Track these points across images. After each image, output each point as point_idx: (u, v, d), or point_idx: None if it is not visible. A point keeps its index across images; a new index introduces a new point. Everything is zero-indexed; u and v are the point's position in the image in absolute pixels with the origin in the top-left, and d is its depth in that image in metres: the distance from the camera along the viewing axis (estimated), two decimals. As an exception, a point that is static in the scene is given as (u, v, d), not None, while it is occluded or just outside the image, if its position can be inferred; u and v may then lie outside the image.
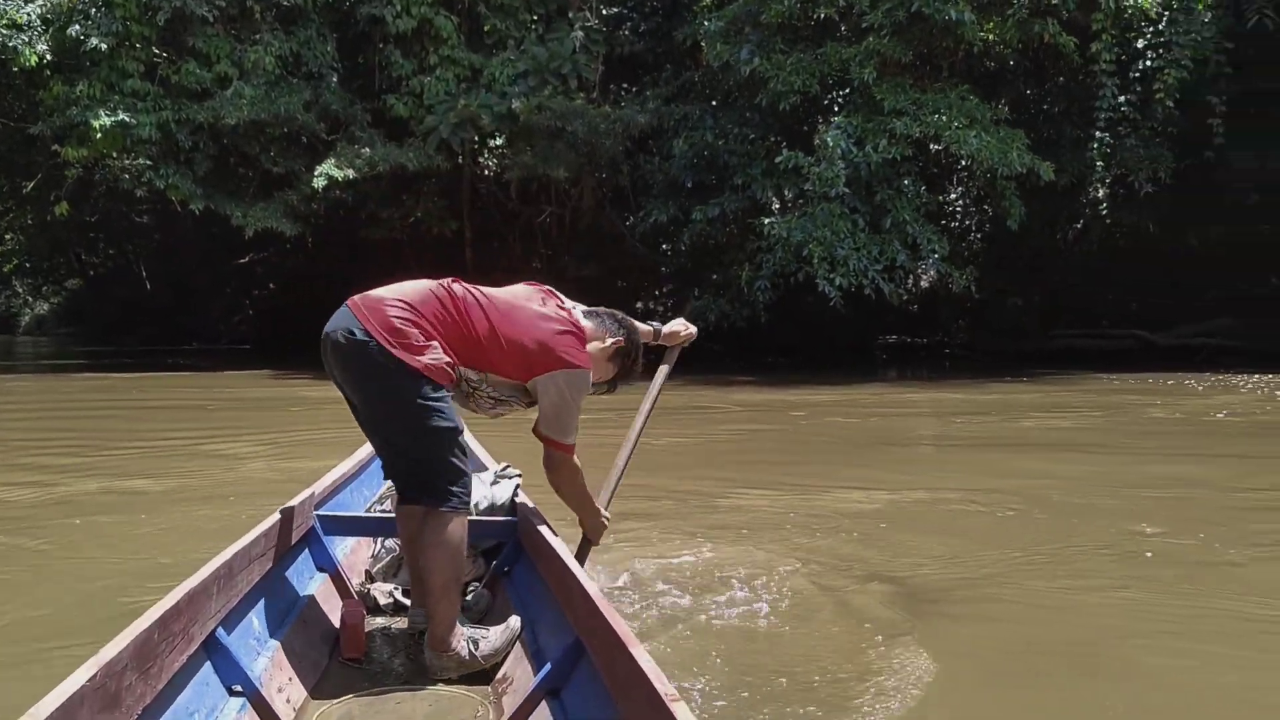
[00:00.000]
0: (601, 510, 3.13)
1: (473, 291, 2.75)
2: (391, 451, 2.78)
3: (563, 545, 2.68)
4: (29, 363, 24.81)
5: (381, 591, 3.28)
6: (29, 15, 15.53)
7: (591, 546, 3.19)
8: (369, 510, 3.69)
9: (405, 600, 3.16)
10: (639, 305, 20.10)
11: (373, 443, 2.97)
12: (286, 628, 2.68)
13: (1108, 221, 20.76)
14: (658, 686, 1.59)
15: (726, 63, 15.67)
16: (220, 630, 2.25)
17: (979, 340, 21.32)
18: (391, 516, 3.15)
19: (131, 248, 31.87)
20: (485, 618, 3.09)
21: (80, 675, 1.62)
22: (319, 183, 16.14)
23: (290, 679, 2.49)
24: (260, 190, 17.86)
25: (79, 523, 5.08)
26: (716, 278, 17.50)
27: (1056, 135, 17.66)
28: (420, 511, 2.70)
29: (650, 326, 3.32)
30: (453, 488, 2.62)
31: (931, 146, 16.37)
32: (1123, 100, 15.57)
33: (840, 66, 15.29)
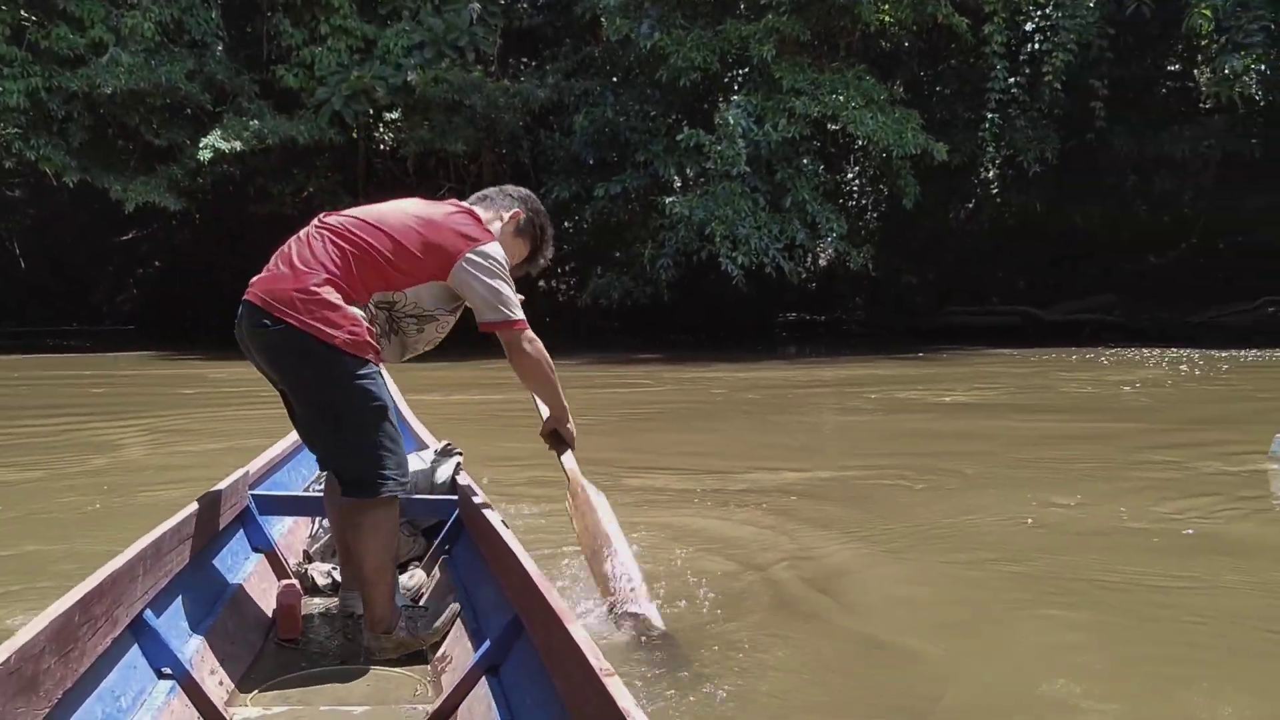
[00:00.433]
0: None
1: (349, 216, 2.59)
2: (321, 443, 2.65)
3: (502, 523, 2.61)
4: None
5: (320, 572, 3.21)
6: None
7: (569, 445, 3.08)
8: (306, 489, 3.58)
9: (343, 580, 3.06)
10: (540, 284, 19.93)
11: (302, 436, 2.84)
12: (220, 609, 2.62)
13: (998, 201, 21.42)
14: (593, 662, 1.58)
15: (626, 37, 15.58)
16: (148, 612, 2.18)
17: (875, 317, 21.80)
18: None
19: (3, 224, 30.19)
20: (425, 597, 3.03)
21: None
22: (204, 155, 15.52)
23: (224, 661, 2.44)
24: (141, 163, 17.08)
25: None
26: (619, 255, 17.45)
27: (949, 116, 18.09)
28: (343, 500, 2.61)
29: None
30: (385, 473, 2.50)
31: (829, 126, 16.60)
32: (1012, 82, 15.99)
33: (740, 44, 15.33)
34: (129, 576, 2.10)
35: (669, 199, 15.29)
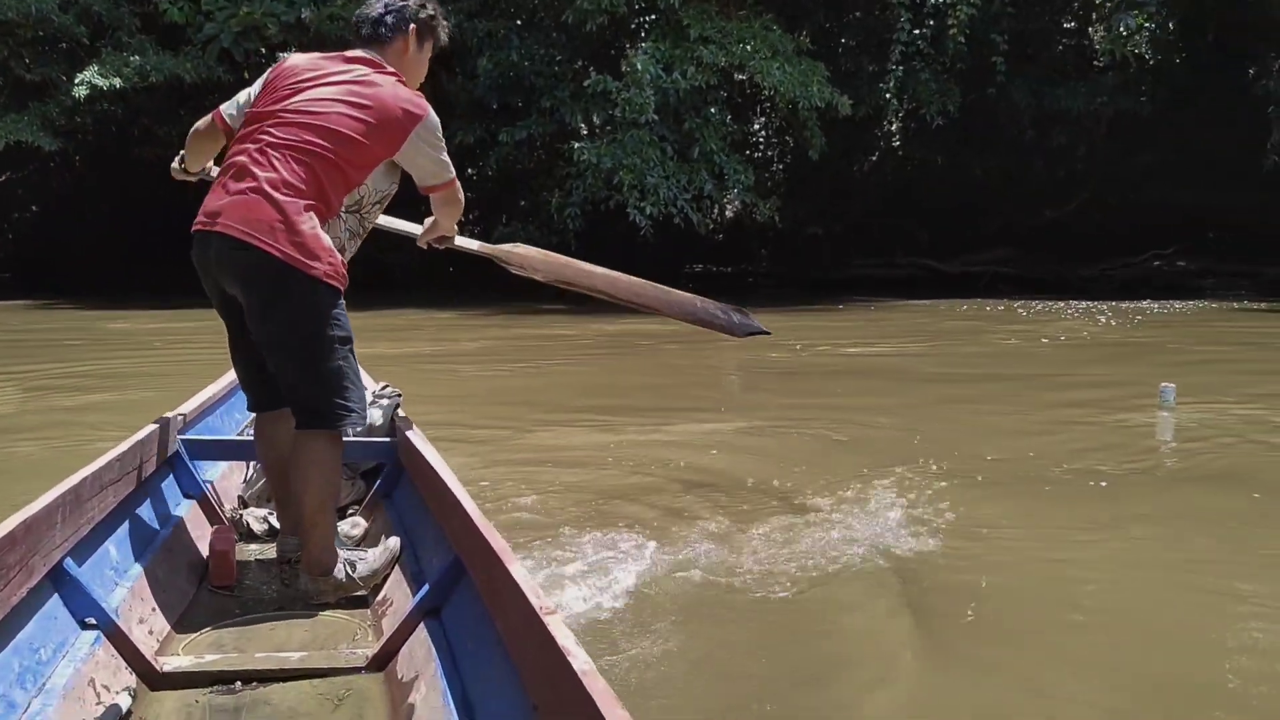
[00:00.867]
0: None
1: (291, 124, 2.47)
2: (287, 373, 2.53)
3: (443, 464, 2.56)
4: None
5: (255, 517, 3.15)
6: None
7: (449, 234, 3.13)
8: (241, 434, 3.50)
9: (280, 525, 3.01)
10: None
11: (247, 366, 2.70)
12: (149, 557, 2.56)
13: (900, 154, 21.68)
14: (533, 601, 1.56)
15: (531, -23, 15.15)
16: (68, 561, 2.12)
17: (780, 269, 21.95)
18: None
19: None
20: (365, 541, 2.98)
21: None
22: (80, 92, 14.62)
23: (153, 610, 2.39)
24: (12, 99, 16.00)
25: None
26: (525, 204, 17.13)
27: (854, 68, 18.15)
28: (285, 432, 2.58)
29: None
30: (349, 404, 2.49)
31: (736, 76, 16.49)
32: (917, 34, 16.09)
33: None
34: (46, 524, 2.02)
35: (577, 145, 15.01)
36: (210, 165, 2.98)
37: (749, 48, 14.79)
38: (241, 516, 3.18)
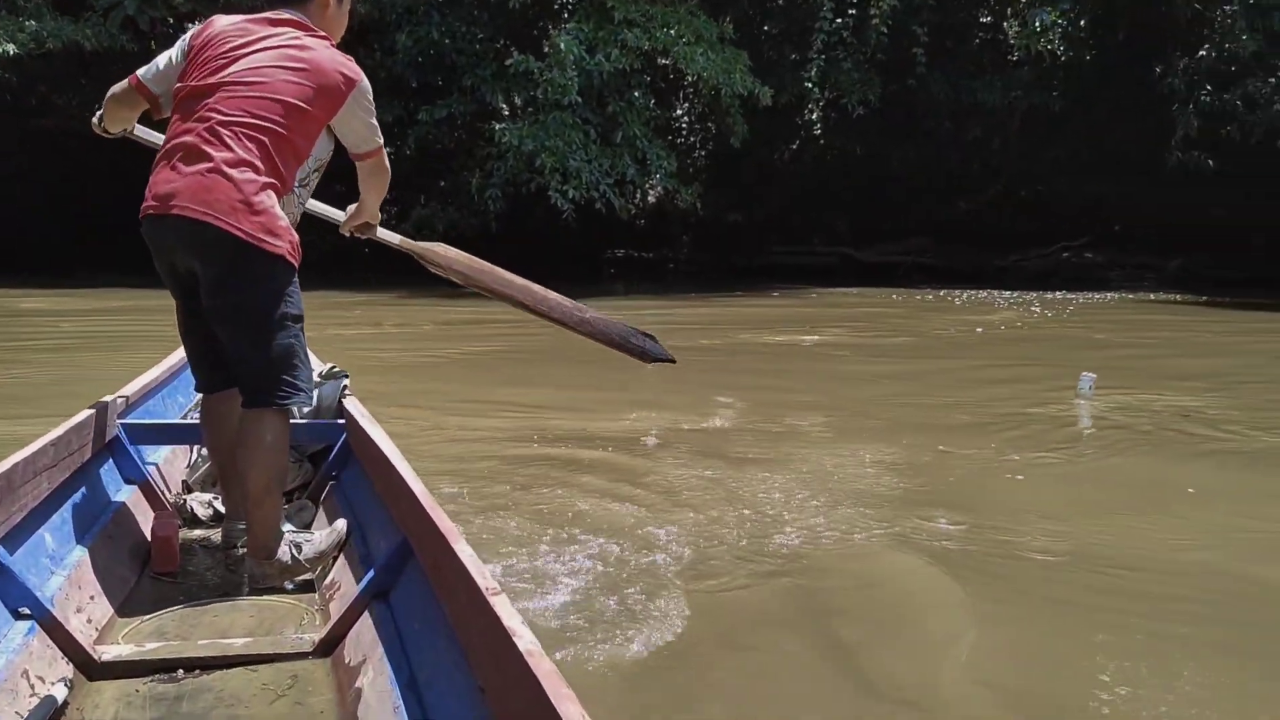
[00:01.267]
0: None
1: (237, 95, 2.41)
2: (239, 349, 2.49)
3: (391, 445, 2.54)
4: None
5: (200, 502, 3.10)
6: None
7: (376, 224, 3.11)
8: (184, 417, 3.44)
9: (224, 510, 2.95)
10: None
11: (198, 345, 2.65)
12: (88, 544, 2.49)
13: (821, 143, 21.86)
14: (479, 581, 1.56)
15: (453, -47, 14.81)
16: (0, 549, 2.08)
17: (701, 256, 21.99)
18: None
19: None
20: (313, 524, 2.96)
21: None
22: (-29, 58, 13.84)
23: (92, 598, 2.34)
24: (-105, 64, 15.10)
25: None
26: (444, 184, 16.80)
27: (777, 56, 18.22)
28: (233, 413, 2.56)
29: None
30: (297, 383, 2.48)
31: (660, 61, 16.40)
32: (839, 24, 16.19)
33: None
34: None
35: (498, 127, 14.76)
36: (135, 127, 2.92)
37: (673, 32, 14.71)
38: (185, 502, 3.12)
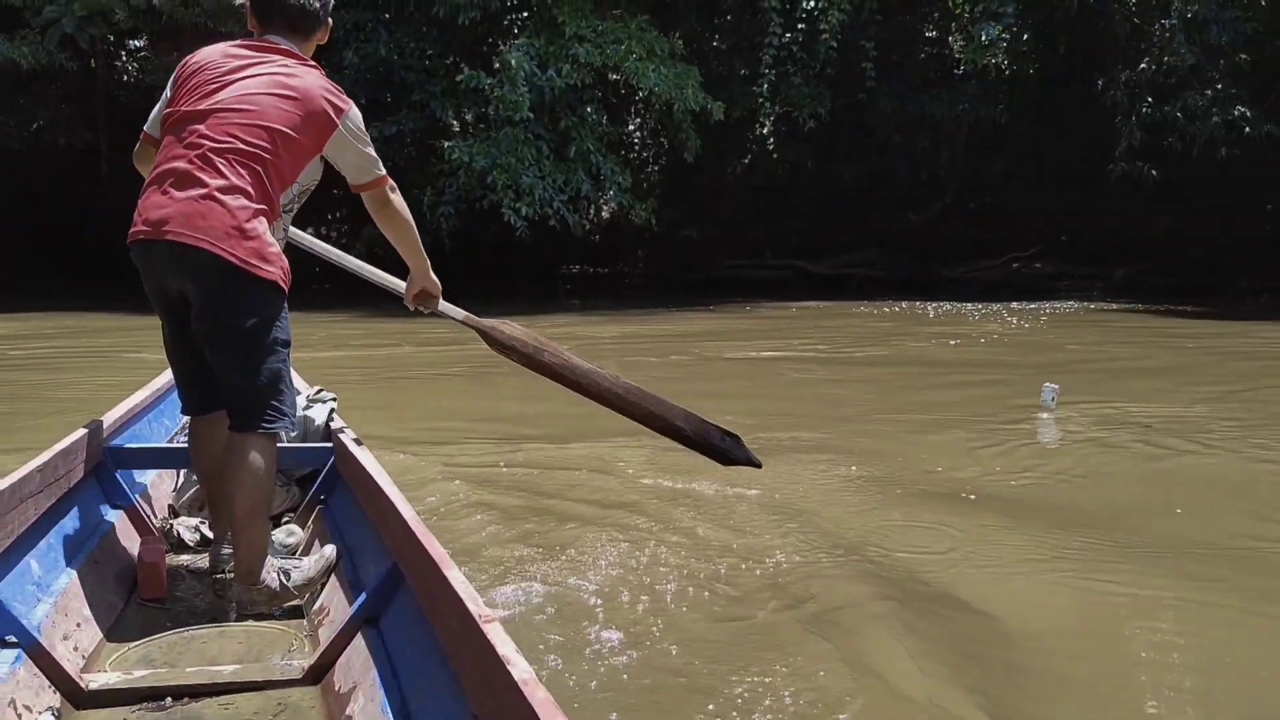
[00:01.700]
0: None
1: (229, 121, 2.41)
2: (226, 371, 2.48)
3: (380, 469, 2.52)
4: None
5: (186, 527, 3.07)
6: None
7: (437, 293, 3.02)
8: (171, 441, 3.42)
9: (212, 534, 2.91)
10: (309, 230, 18.68)
11: (186, 367, 2.64)
12: (74, 570, 2.47)
13: (774, 157, 22.00)
14: (472, 609, 1.55)
15: (400, -31, 14.67)
16: None
17: (656, 270, 21.97)
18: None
19: None
20: (301, 549, 2.93)
21: None
22: (-98, 77, 13.43)
23: (79, 625, 2.31)
24: None
25: None
26: (394, 203, 16.58)
27: (727, 71, 18.28)
28: (221, 435, 2.53)
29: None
30: (282, 407, 2.49)
31: (611, 76, 16.37)
32: (789, 39, 16.29)
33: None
34: None
35: (449, 144, 14.62)
36: None
37: (624, 48, 14.68)
38: (172, 526, 3.08)
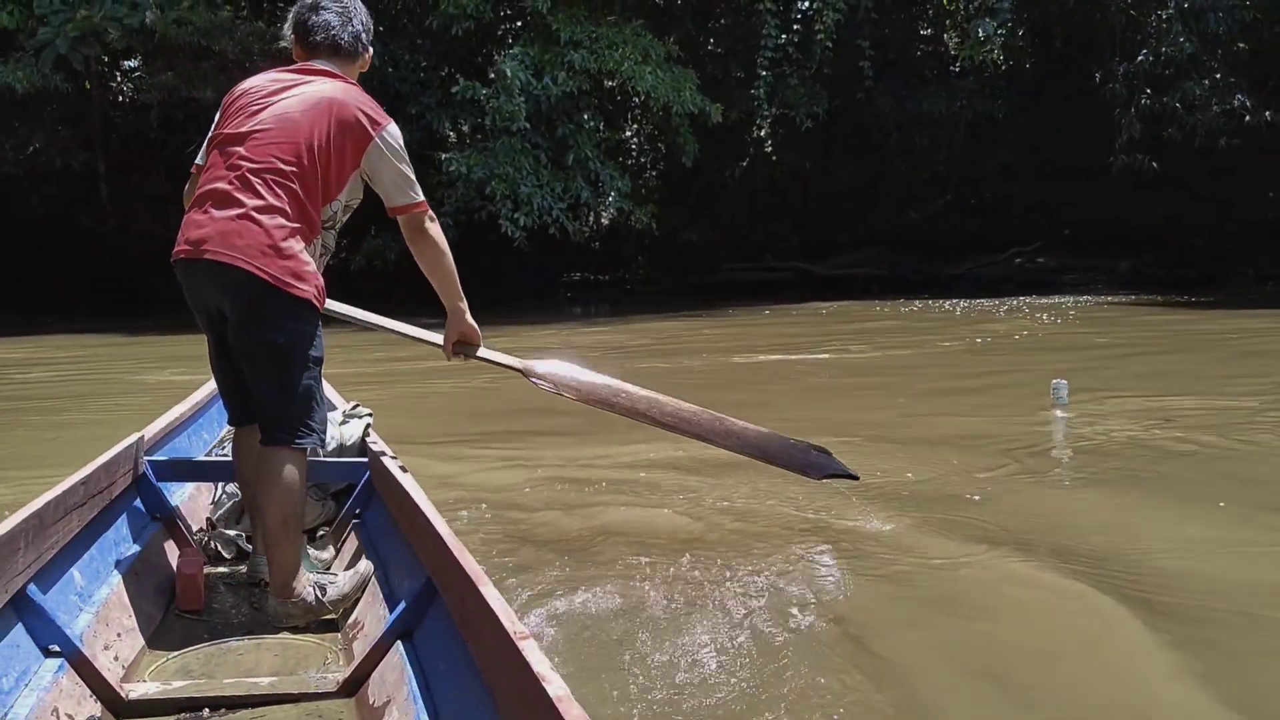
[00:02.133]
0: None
1: (267, 141, 2.48)
2: (261, 385, 2.55)
3: (415, 485, 2.53)
4: None
5: (224, 539, 3.11)
6: None
7: (476, 339, 3.01)
8: (209, 454, 3.44)
9: (249, 547, 2.98)
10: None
11: (228, 380, 2.72)
12: (115, 582, 2.51)
13: (772, 159, 21.93)
14: (507, 625, 1.55)
15: (392, -20, 14.64)
16: (32, 587, 2.08)
17: (657, 275, 21.89)
18: (232, 460, 2.94)
19: None
20: (335, 562, 2.98)
21: None
22: (-103, 103, 13.40)
23: (119, 635, 2.36)
24: None
25: None
26: (394, 215, 16.54)
27: (722, 74, 18.23)
28: (259, 448, 2.58)
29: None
30: (311, 422, 2.54)
31: (606, 83, 16.33)
32: (785, 40, 16.23)
33: (514, -7, 14.78)
34: (8, 550, 1.99)
35: (445, 155, 14.57)
36: None
37: (620, 53, 14.64)
38: (209, 539, 3.12)
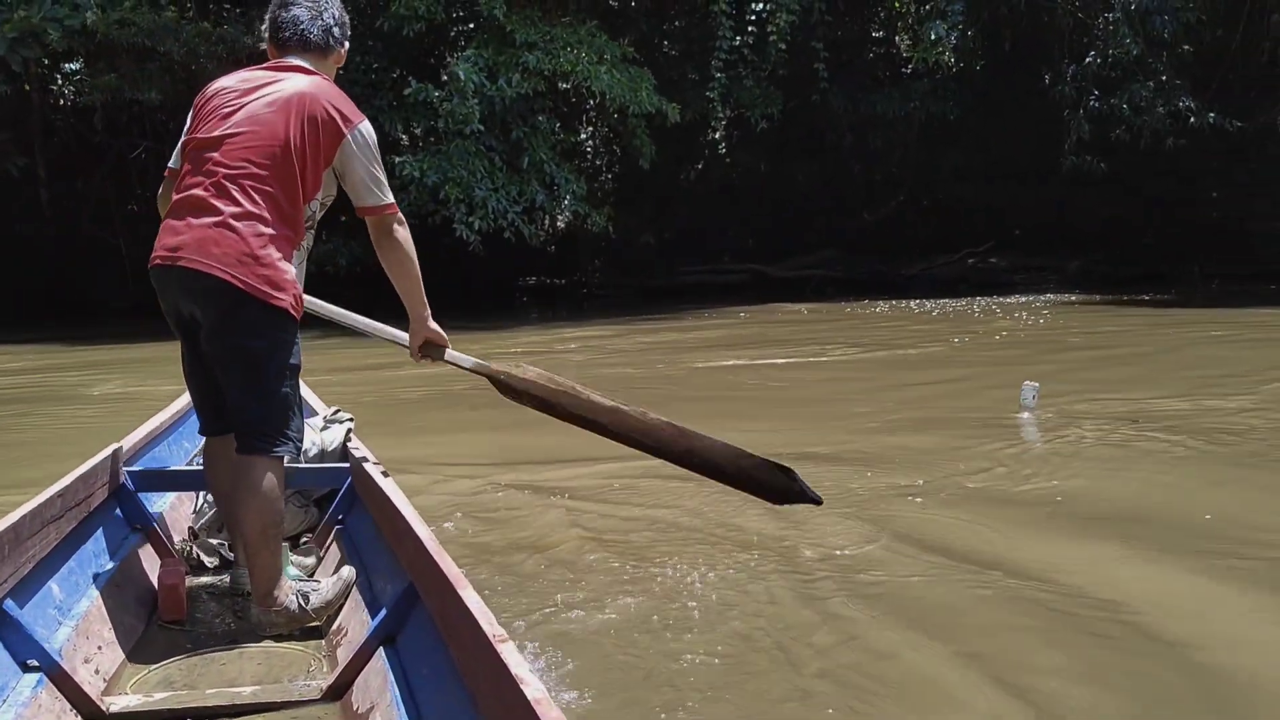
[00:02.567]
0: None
1: (242, 145, 2.45)
2: (234, 393, 2.53)
3: (396, 489, 2.56)
4: None
5: (206, 549, 3.11)
6: None
7: (442, 342, 2.98)
8: (190, 463, 3.47)
9: (231, 556, 3.00)
10: (259, 251, 18.25)
11: (202, 389, 2.70)
12: (95, 593, 2.52)
13: (727, 161, 21.95)
14: (486, 628, 1.57)
15: (342, -18, 14.37)
16: (9, 602, 2.09)
17: (613, 279, 21.80)
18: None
19: None
20: (319, 568, 2.98)
21: None
22: None
23: (99, 648, 2.36)
24: None
25: None
26: (345, 219, 16.25)
27: (677, 76, 18.18)
28: (231, 459, 2.58)
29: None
30: (288, 431, 2.53)
31: (561, 85, 16.21)
32: (739, 42, 16.22)
33: (466, -3, 14.62)
34: None
35: (398, 159, 14.35)
36: None
37: (575, 54, 14.53)
38: (191, 548, 3.12)
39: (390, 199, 2.66)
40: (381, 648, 2.19)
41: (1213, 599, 3.02)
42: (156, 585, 2.71)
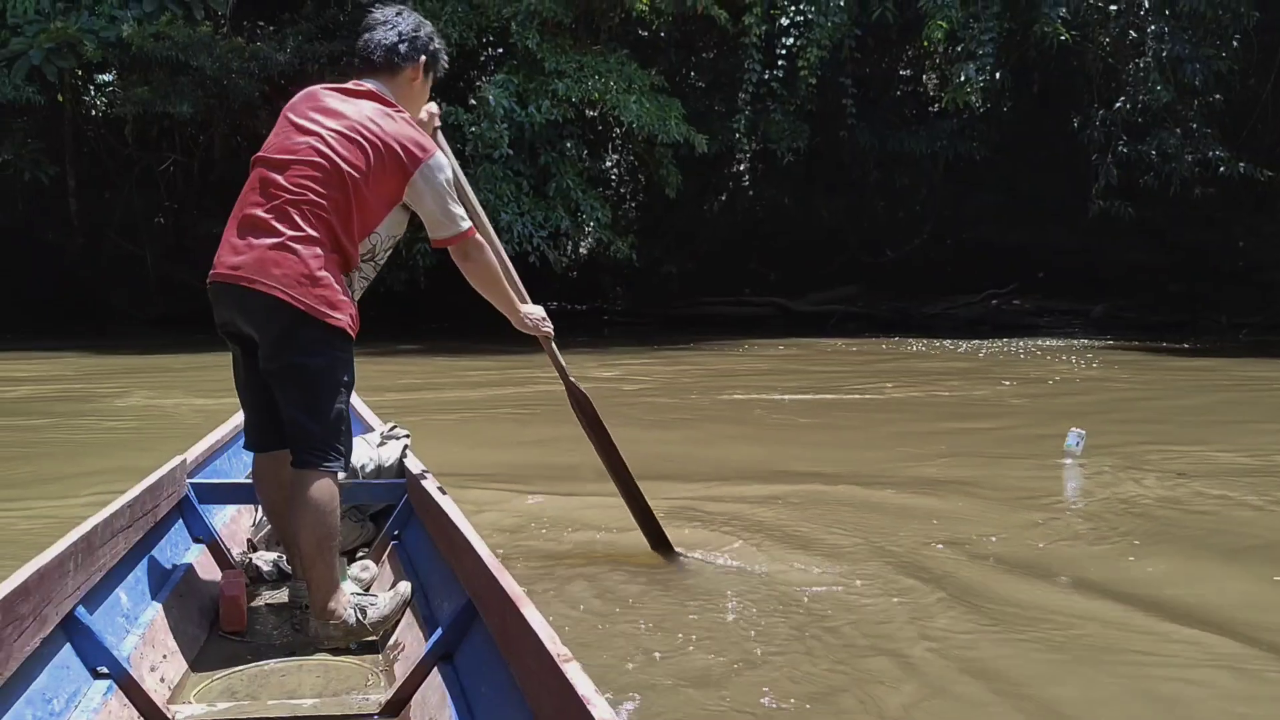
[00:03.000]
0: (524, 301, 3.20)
1: (306, 171, 2.53)
2: (289, 408, 2.59)
3: (453, 506, 2.57)
4: None
5: (265, 561, 3.16)
6: None
7: (549, 342, 3.33)
8: (249, 477, 3.38)
9: (290, 569, 3.02)
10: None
11: (254, 403, 2.77)
12: (160, 603, 2.57)
13: (751, 194, 21.95)
14: (549, 647, 1.55)
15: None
16: (80, 609, 2.12)
17: (635, 307, 21.78)
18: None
19: None
20: (376, 583, 3.01)
21: None
22: None
23: (164, 657, 2.39)
24: None
25: None
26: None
27: (704, 108, 18.23)
28: (282, 473, 2.65)
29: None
30: (338, 446, 2.59)
31: (588, 112, 16.27)
32: (769, 75, 16.26)
33: (498, 20, 14.70)
34: (58, 573, 2.02)
35: (426, 181, 14.42)
36: None
37: (605, 82, 14.60)
38: (251, 560, 3.16)
39: (465, 226, 2.73)
40: (439, 664, 2.19)
41: None
42: (218, 596, 2.74)
